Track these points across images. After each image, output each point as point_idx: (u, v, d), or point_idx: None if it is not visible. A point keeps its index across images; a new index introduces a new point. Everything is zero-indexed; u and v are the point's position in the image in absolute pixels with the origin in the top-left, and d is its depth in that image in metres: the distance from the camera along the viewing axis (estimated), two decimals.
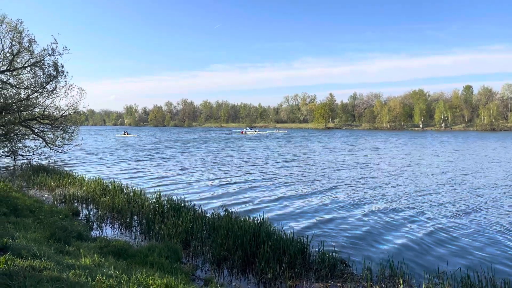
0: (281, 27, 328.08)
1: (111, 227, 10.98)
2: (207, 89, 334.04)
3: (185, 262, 8.17)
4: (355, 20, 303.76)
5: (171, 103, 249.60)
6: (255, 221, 9.36)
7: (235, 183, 19.55)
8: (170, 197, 12.95)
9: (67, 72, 23.18)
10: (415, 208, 13.93)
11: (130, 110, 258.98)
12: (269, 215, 12.50)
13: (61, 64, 22.74)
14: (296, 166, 27.15)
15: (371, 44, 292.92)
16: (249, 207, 14.12)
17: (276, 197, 16.00)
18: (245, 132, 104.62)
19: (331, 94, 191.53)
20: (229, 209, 11.07)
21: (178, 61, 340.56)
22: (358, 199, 15.58)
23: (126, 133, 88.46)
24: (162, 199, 12.63)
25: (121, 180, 18.06)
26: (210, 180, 20.34)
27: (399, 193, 16.87)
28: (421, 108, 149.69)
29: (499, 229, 11.20)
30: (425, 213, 13.09)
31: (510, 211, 13.34)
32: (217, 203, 14.58)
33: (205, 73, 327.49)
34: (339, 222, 12.07)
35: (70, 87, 23.78)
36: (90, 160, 31.46)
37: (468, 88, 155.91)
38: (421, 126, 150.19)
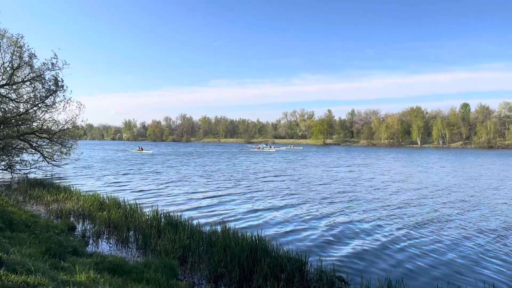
0: (280, 44, 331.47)
1: (107, 243, 10.87)
2: (206, 104, 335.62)
3: (181, 278, 8.07)
4: (355, 38, 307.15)
5: (169, 118, 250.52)
6: (253, 238, 9.29)
7: (233, 198, 19.45)
8: (167, 212, 12.87)
9: (66, 86, 23.34)
10: (414, 226, 13.85)
11: (128, 125, 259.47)
12: (267, 231, 12.41)
13: (61, 79, 22.92)
14: (295, 182, 27.08)
15: (371, 61, 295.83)
16: (246, 223, 14.02)
17: (273, 213, 15.91)
18: (262, 148, 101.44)
19: (329, 111, 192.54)
20: (227, 225, 10.99)
21: (177, 77, 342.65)
22: (356, 216, 15.50)
23: (141, 149, 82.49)
24: (159, 214, 12.55)
25: (119, 195, 17.95)
26: (208, 195, 20.23)
27: (397, 211, 16.80)
28: (419, 125, 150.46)
29: (504, 252, 11.13)
30: (424, 232, 13.01)
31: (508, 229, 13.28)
32: (215, 218, 14.48)
33: (204, 88, 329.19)
34: (337, 239, 11.98)
35: (69, 101, 23.91)
36: (88, 174, 31.31)
37: (466, 106, 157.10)
38: (419, 143, 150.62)
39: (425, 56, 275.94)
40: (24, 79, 22.10)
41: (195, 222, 12.45)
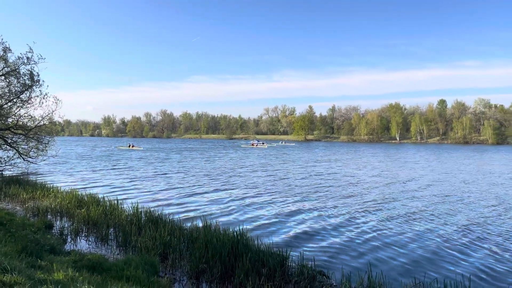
0: (261, 40, 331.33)
1: (86, 240, 10.69)
2: (187, 100, 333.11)
3: (162, 275, 8.02)
4: (335, 35, 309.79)
5: (150, 114, 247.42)
6: (234, 233, 9.29)
7: (213, 194, 19.40)
8: (148, 209, 12.74)
9: (42, 81, 22.75)
10: (393, 219, 14.12)
11: (107, 121, 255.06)
12: (249, 227, 12.44)
13: (37, 73, 22.32)
14: (275, 178, 27.20)
15: (351, 58, 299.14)
16: (228, 219, 14.02)
17: (255, 208, 15.96)
18: (256, 145, 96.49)
19: (310, 107, 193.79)
20: (208, 221, 10.95)
21: (157, 72, 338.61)
22: (337, 210, 15.70)
23: (131, 146, 76.38)
24: (139, 211, 12.41)
25: (98, 192, 17.67)
26: (189, 191, 20.12)
27: (377, 204, 17.09)
28: (398, 121, 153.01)
29: (482, 240, 11.46)
30: (403, 224, 13.28)
31: (491, 223, 13.68)
32: (196, 215, 14.42)
33: (185, 84, 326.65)
34: (318, 233, 12.11)
35: (45, 97, 23.32)
36: (66, 171, 30.66)
37: (442, 102, 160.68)
38: (398, 138, 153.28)
39: (403, 53, 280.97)
40: None
41: (176, 218, 12.37)
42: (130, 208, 12.98)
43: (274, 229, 12.61)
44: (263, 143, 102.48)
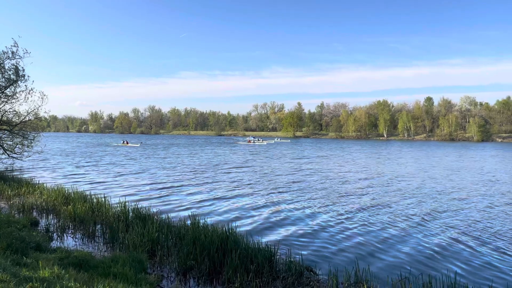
0: (250, 36, 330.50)
1: (72, 238, 10.58)
2: (176, 96, 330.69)
3: (150, 272, 7.99)
4: (323, 32, 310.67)
5: (138, 109, 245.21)
6: (223, 230, 9.29)
7: (202, 191, 19.37)
8: (135, 206, 12.65)
9: (28, 76, 22.32)
10: (379, 215, 14.29)
11: (95, 117, 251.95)
12: (237, 223, 12.44)
13: (22, 68, 21.89)
14: (264, 175, 27.25)
15: (339, 55, 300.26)
16: (216, 215, 14.03)
17: (243, 205, 15.99)
18: (253, 141, 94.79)
19: (299, 103, 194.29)
20: (196, 218, 10.93)
21: (145, 68, 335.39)
22: (324, 207, 15.81)
23: (126, 142, 73.51)
24: (127, 208, 12.32)
25: (85, 188, 17.50)
26: (178, 188, 20.06)
27: (364, 201, 17.26)
28: (385, 118, 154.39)
29: (461, 235, 11.66)
30: (388, 221, 13.44)
31: (475, 219, 13.92)
32: (184, 211, 14.39)
33: (173, 80, 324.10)
34: (306, 229, 12.19)
35: (31, 92, 22.89)
36: (52, 167, 30.27)
37: (429, 100, 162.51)
38: (385, 135, 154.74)
39: (391, 51, 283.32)
40: None
41: (164, 215, 12.31)
42: (118, 205, 12.87)
43: (262, 226, 12.65)
44: (260, 140, 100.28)
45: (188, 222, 10.82)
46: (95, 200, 13.70)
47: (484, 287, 7.61)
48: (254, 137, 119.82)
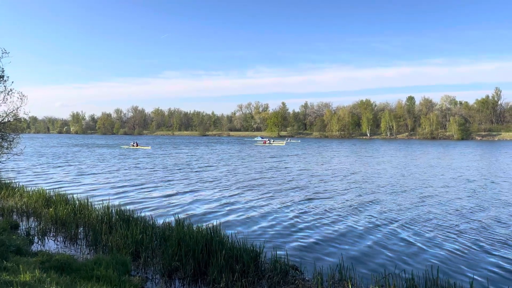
0: (234, 36, 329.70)
1: (54, 241, 10.39)
2: (159, 96, 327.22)
3: (134, 274, 7.90)
4: (307, 32, 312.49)
5: (120, 110, 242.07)
6: (208, 230, 9.25)
7: (187, 191, 19.26)
8: (119, 208, 12.48)
9: (7, 77, 21.79)
10: (361, 212, 14.46)
11: (76, 117, 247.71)
12: (222, 223, 12.42)
13: (2, 68, 21.37)
14: (247, 174, 27.26)
15: (322, 55, 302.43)
16: (201, 216, 13.98)
17: (228, 205, 15.97)
18: (270, 142, 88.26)
19: (283, 103, 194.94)
20: (181, 219, 10.86)
21: (128, 68, 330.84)
22: (309, 206, 15.92)
23: (135, 144, 67.52)
24: (110, 209, 12.13)
25: (66, 191, 17.19)
26: (162, 189, 19.90)
27: (346, 198, 17.44)
28: (368, 117, 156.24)
29: (442, 231, 11.89)
30: (371, 218, 13.62)
31: (452, 214, 14.21)
32: (169, 212, 14.30)
33: (157, 80, 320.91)
34: (291, 228, 12.26)
35: (10, 93, 22.34)
36: (33, 169, 29.65)
37: (411, 99, 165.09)
38: (368, 134, 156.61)
39: (373, 51, 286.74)
40: None
41: (148, 216, 12.20)
42: (101, 207, 12.67)
43: (248, 225, 12.67)
44: (271, 141, 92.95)
45: (173, 223, 10.75)
46: (77, 202, 13.47)
47: (464, 281, 7.77)
48: (262, 138, 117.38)
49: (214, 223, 11.50)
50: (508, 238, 11.13)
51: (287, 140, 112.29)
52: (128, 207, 13.43)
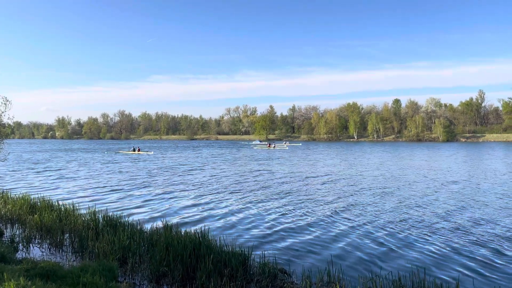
0: (222, 40, 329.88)
1: (39, 248, 10.22)
2: (146, 100, 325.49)
3: (121, 280, 7.82)
4: (294, 36, 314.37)
5: (107, 114, 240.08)
6: (196, 235, 9.21)
7: (176, 196, 19.15)
8: (106, 213, 12.33)
9: None
10: (349, 215, 14.56)
11: (62, 122, 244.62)
12: (210, 227, 12.37)
13: None
14: (236, 179, 27.23)
15: (310, 58, 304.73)
16: (189, 220, 13.90)
17: (217, 209, 15.92)
18: (274, 146, 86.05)
19: (271, 107, 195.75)
20: (169, 223, 10.79)
21: (115, 72, 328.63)
22: (296, 208, 15.96)
23: (137, 150, 64.05)
24: (97, 215, 11.99)
25: (52, 197, 16.92)
26: (150, 194, 19.74)
27: (334, 201, 17.54)
28: (355, 120, 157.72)
29: (425, 232, 12.04)
30: (358, 221, 13.72)
31: (435, 215, 14.40)
32: (157, 217, 14.20)
33: (144, 84, 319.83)
34: (280, 232, 12.27)
35: None
36: (17, 175, 29.13)
37: (397, 102, 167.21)
38: (355, 137, 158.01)
39: (360, 54, 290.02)
40: None
41: (136, 221, 12.09)
42: (87, 213, 12.50)
43: (236, 229, 12.64)
44: (272, 145, 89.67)
45: (161, 228, 10.67)
46: (63, 208, 13.26)
47: (451, 282, 7.88)
48: (261, 141, 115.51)
49: (203, 228, 11.44)
50: (490, 239, 11.33)
51: (286, 143, 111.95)
52: (115, 212, 13.28)
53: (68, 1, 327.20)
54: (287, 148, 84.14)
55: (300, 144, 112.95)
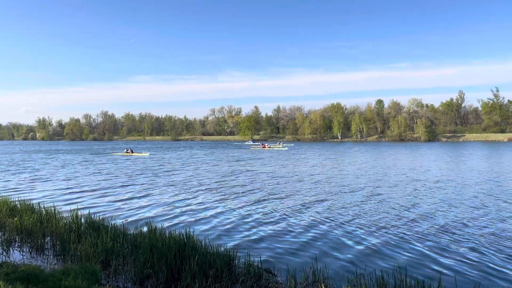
0: (205, 41, 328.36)
1: (19, 251, 10.00)
2: (130, 101, 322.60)
3: (104, 283, 7.70)
4: (279, 37, 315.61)
5: (89, 115, 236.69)
6: (181, 236, 9.15)
7: (161, 197, 18.98)
8: (88, 215, 12.13)
9: None
10: (332, 215, 14.68)
11: (42, 123, 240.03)
12: (195, 228, 12.33)
13: None
14: (222, 179, 27.16)
15: (294, 59, 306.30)
16: (174, 221, 13.80)
17: (201, 210, 15.84)
18: (270, 146, 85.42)
19: (256, 107, 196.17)
20: (153, 225, 10.69)
21: (97, 72, 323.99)
22: (281, 208, 16.01)
23: (129, 151, 60.92)
24: (79, 217, 11.79)
25: (32, 199, 16.59)
26: (133, 195, 19.52)
27: (318, 201, 17.65)
28: (339, 120, 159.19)
29: (406, 231, 12.23)
30: (341, 220, 13.84)
31: (415, 214, 14.64)
32: (141, 218, 14.04)
33: (127, 84, 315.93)
34: (264, 232, 12.29)
35: None
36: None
37: (380, 102, 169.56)
38: (339, 137, 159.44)
39: (343, 55, 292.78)
40: None
41: (119, 223, 11.94)
42: (69, 215, 12.30)
43: (221, 230, 12.60)
44: (267, 145, 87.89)
45: (145, 229, 10.57)
46: (44, 211, 13.00)
47: (433, 279, 8.02)
48: (254, 141, 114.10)
49: (187, 229, 11.37)
50: (468, 237, 11.58)
51: (279, 143, 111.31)
52: (98, 214, 13.09)
53: (48, 2, 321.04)
54: (286, 148, 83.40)
55: (292, 144, 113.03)
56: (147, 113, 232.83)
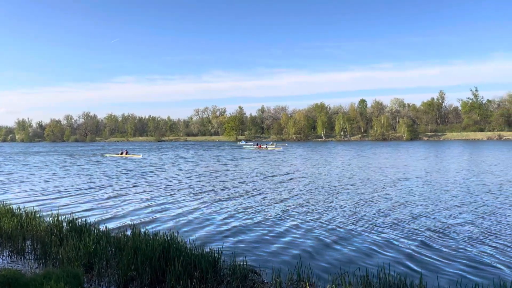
0: (189, 41, 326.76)
1: None
2: (113, 101, 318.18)
3: (87, 287, 7.59)
4: (263, 37, 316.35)
5: (71, 116, 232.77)
6: (165, 237, 9.07)
7: (143, 198, 18.79)
8: (70, 218, 11.92)
9: None
10: (316, 214, 14.79)
11: (22, 125, 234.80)
12: (180, 229, 12.27)
13: None
14: (205, 179, 27.05)
15: (278, 59, 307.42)
16: (158, 222, 13.69)
17: (186, 211, 15.75)
18: (266, 147, 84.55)
19: (240, 107, 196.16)
20: (137, 226, 10.57)
21: (79, 72, 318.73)
22: (265, 208, 16.05)
23: (124, 153, 58.60)
24: (60, 220, 11.57)
25: (12, 202, 16.21)
26: (116, 197, 19.27)
27: (302, 201, 17.76)
28: (323, 120, 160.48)
29: (390, 229, 12.41)
30: (325, 219, 13.96)
31: (397, 212, 14.87)
32: (125, 220, 13.87)
33: (109, 85, 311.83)
34: (249, 232, 12.30)
35: None
36: None
37: (363, 102, 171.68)
38: (323, 137, 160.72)
39: (327, 55, 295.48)
40: None
41: (102, 226, 11.78)
42: (50, 218, 12.06)
43: (206, 231, 12.56)
44: (264, 146, 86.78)
45: (129, 231, 10.45)
46: (24, 214, 12.72)
47: (415, 277, 8.16)
48: (246, 141, 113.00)
49: (172, 230, 11.29)
50: (450, 234, 11.82)
51: (272, 143, 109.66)
52: (80, 217, 12.89)
53: (29, 3, 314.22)
54: (281, 149, 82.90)
55: (286, 144, 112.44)
56: (130, 113, 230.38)
